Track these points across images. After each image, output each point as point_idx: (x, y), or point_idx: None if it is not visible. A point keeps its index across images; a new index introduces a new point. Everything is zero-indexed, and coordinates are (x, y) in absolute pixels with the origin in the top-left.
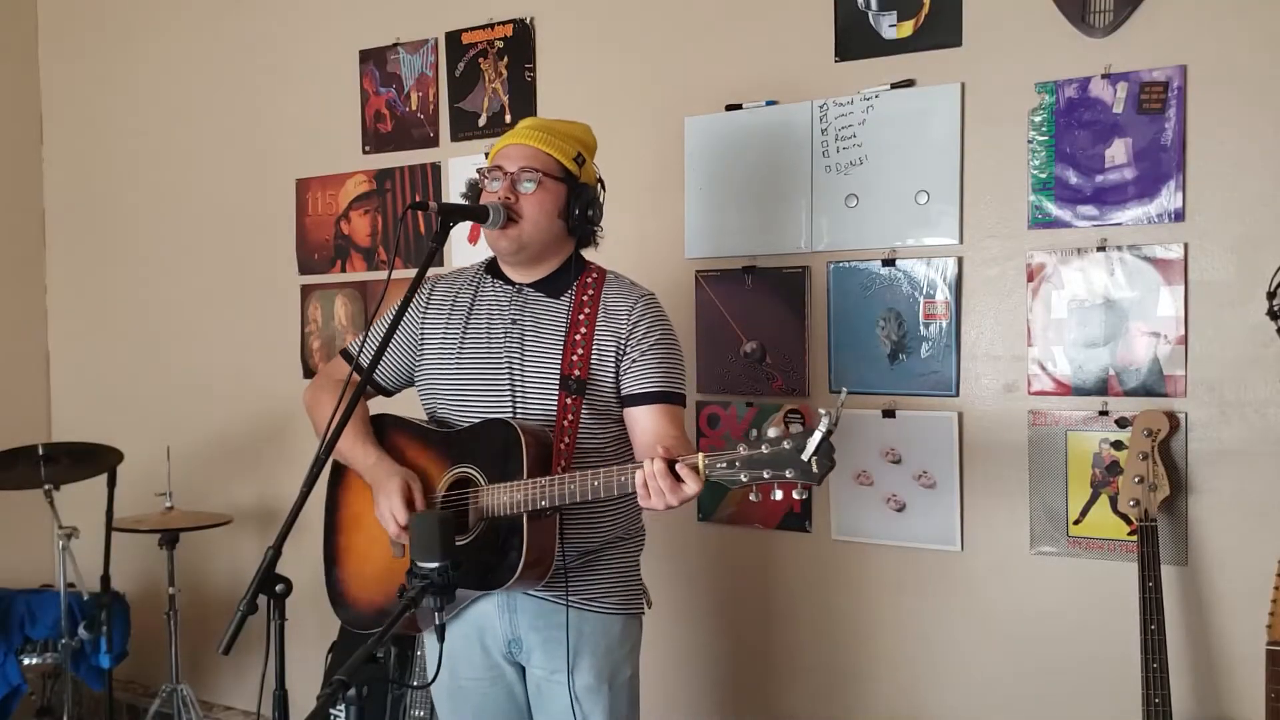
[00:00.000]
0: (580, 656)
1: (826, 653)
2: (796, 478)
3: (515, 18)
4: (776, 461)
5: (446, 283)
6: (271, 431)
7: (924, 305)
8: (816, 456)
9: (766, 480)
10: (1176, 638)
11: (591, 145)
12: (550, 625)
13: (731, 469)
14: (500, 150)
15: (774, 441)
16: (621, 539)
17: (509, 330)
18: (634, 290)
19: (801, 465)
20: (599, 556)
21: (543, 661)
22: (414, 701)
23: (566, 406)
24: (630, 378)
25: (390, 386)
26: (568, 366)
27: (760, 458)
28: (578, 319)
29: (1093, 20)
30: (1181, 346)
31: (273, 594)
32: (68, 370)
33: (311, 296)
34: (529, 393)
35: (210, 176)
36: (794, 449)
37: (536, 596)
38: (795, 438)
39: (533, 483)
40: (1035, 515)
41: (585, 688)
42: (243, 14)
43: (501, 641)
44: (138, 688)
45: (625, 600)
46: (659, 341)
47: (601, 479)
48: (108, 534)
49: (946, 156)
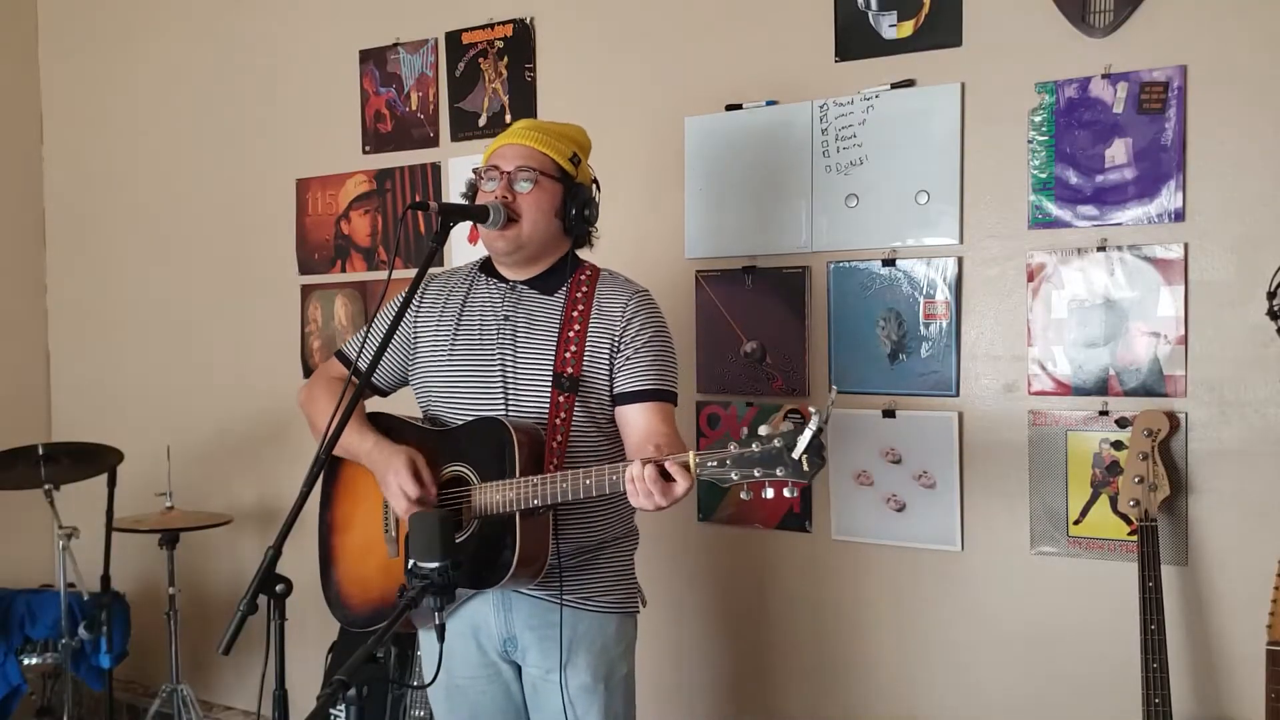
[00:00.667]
0: (576, 655)
1: (826, 652)
2: (787, 476)
3: (515, 18)
4: (767, 460)
5: (440, 281)
6: (271, 431)
7: (924, 305)
8: (807, 455)
9: (757, 479)
10: (1176, 638)
11: (586, 146)
12: (546, 624)
13: (722, 468)
14: (496, 150)
15: (765, 440)
16: (617, 538)
17: (501, 327)
18: (628, 287)
19: (792, 463)
20: (595, 556)
21: (538, 660)
22: (414, 701)
23: (559, 404)
24: (623, 375)
25: (385, 387)
26: (560, 364)
27: (751, 456)
28: (571, 316)
29: (1093, 20)
30: (1181, 346)
31: (273, 594)
32: (68, 370)
33: (311, 296)
34: (521, 390)
35: (210, 176)
36: (784, 447)
37: (532, 595)
38: (786, 436)
39: (525, 481)
40: (1035, 515)
41: (581, 686)
42: (243, 14)
43: (497, 640)
44: (138, 688)
45: (621, 599)
46: (652, 339)
47: (594, 478)
48: (108, 534)
49: (946, 156)
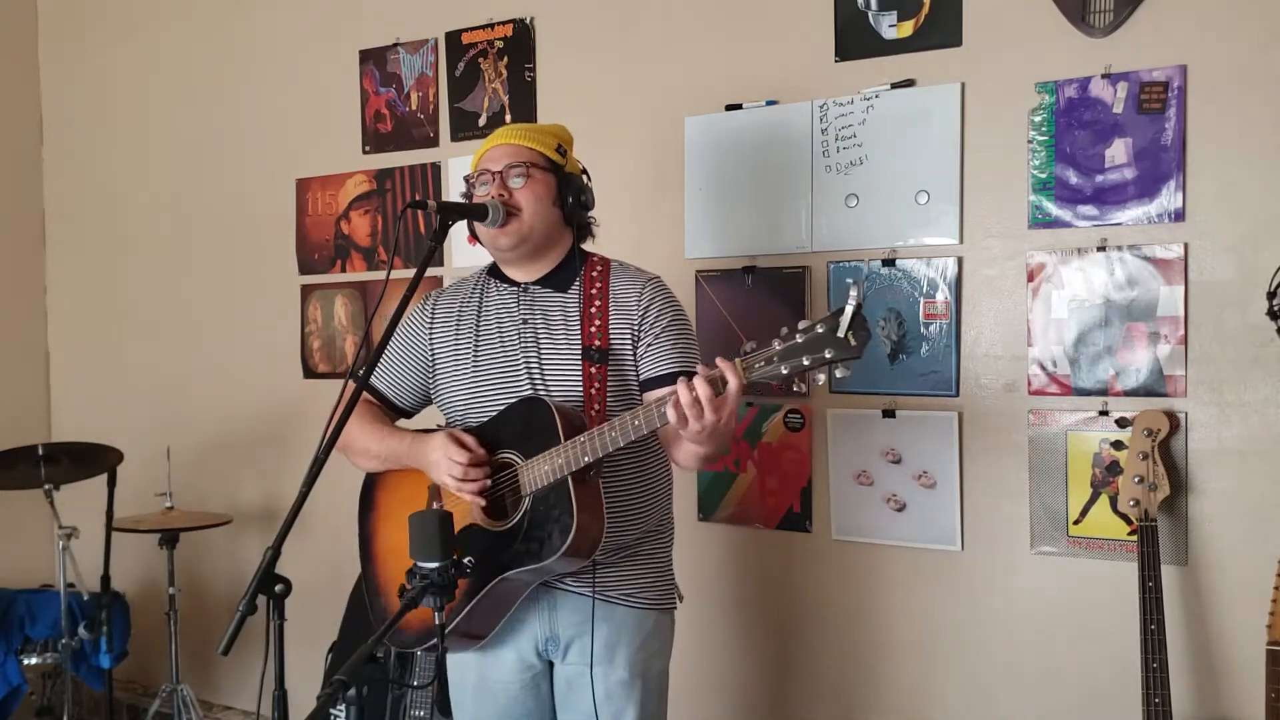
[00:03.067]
0: (615, 651)
1: (826, 652)
2: (837, 356)
3: (515, 18)
4: (813, 345)
5: (449, 295)
6: (272, 431)
7: (924, 305)
8: (852, 330)
9: (807, 366)
10: (1176, 638)
11: (568, 139)
12: (588, 620)
13: (770, 365)
14: (483, 155)
15: (806, 330)
16: (654, 531)
17: (521, 331)
18: (640, 275)
19: (839, 341)
20: (634, 551)
21: (578, 657)
22: (414, 701)
23: (591, 375)
24: (648, 361)
25: (409, 407)
26: (587, 338)
27: (796, 346)
28: (589, 308)
29: (1093, 20)
30: (1181, 346)
31: (272, 594)
32: (68, 370)
33: (311, 296)
34: (552, 383)
35: (210, 176)
36: (829, 330)
37: (576, 592)
38: (827, 320)
39: (571, 443)
40: (1035, 515)
41: (619, 682)
42: (243, 14)
43: (540, 639)
44: (138, 688)
45: (659, 595)
46: (672, 322)
47: (641, 416)
48: (108, 534)
49: (946, 156)
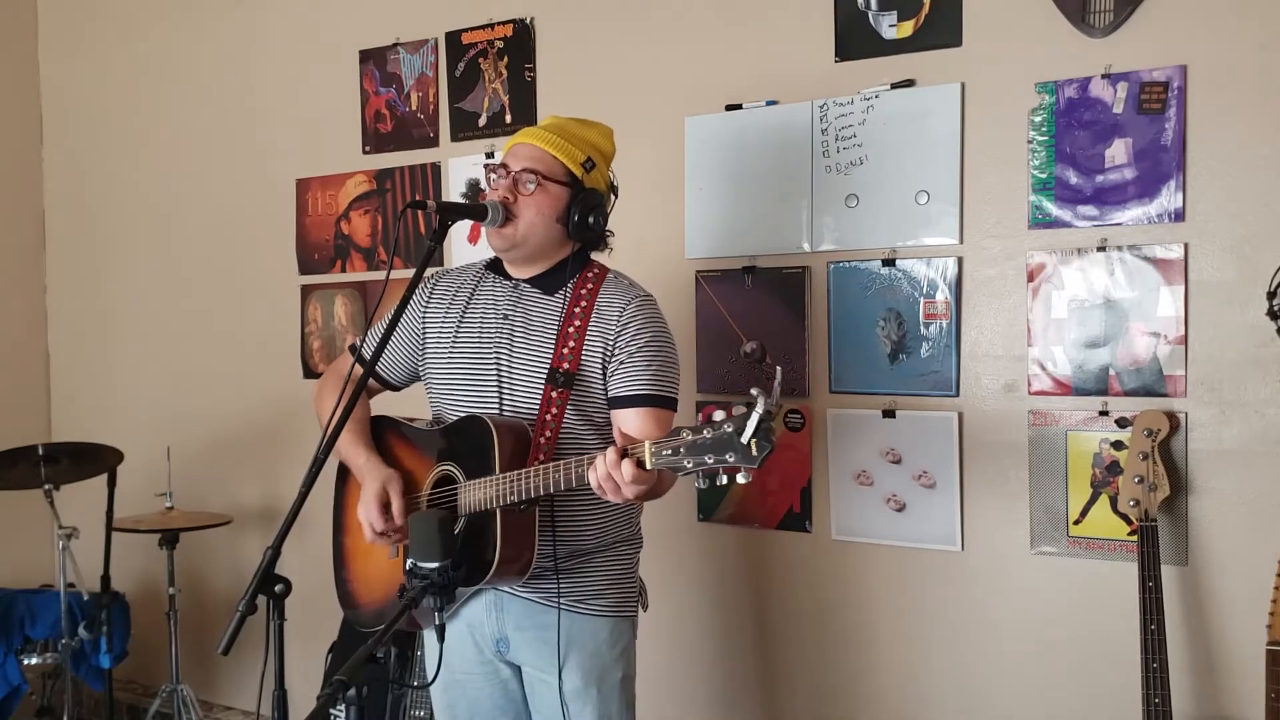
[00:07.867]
0: (568, 657)
1: (826, 653)
2: (738, 461)
3: (515, 18)
4: (718, 445)
5: (450, 278)
6: (272, 431)
7: (924, 305)
8: (755, 439)
9: (710, 465)
10: (1176, 638)
11: (606, 151)
12: (537, 625)
13: (676, 455)
14: (511, 147)
15: (716, 426)
16: (616, 542)
17: (499, 325)
18: (630, 291)
19: (741, 448)
20: (591, 559)
21: (532, 661)
22: (414, 701)
23: (551, 399)
24: (617, 379)
25: (397, 382)
26: (558, 359)
27: (703, 442)
28: (572, 313)
29: (1093, 20)
30: (1181, 346)
31: (272, 594)
32: (68, 370)
33: (311, 296)
34: (515, 387)
35: (210, 176)
36: (734, 431)
37: (524, 597)
38: (735, 420)
39: (504, 477)
40: (1035, 515)
41: (573, 690)
42: (243, 14)
43: (490, 640)
44: (138, 688)
45: (616, 603)
46: (649, 344)
47: (561, 471)
48: (108, 534)
49: (946, 156)
